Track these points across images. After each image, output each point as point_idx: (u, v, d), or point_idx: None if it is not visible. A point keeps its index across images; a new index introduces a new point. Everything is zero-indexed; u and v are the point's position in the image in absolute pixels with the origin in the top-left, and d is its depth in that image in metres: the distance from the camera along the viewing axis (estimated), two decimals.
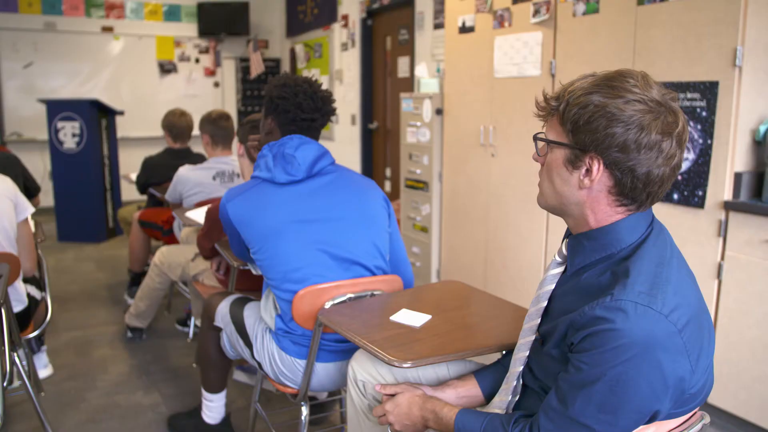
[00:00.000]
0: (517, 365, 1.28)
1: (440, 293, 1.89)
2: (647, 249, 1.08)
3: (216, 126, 3.47)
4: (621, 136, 1.03)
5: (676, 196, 2.55)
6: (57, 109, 5.59)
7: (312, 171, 1.94)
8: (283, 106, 1.96)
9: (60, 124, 5.59)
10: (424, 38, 5.02)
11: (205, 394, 2.41)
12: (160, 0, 7.60)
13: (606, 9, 2.77)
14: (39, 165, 6.79)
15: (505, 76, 3.35)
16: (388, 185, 6.08)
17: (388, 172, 6.06)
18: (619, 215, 1.11)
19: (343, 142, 6.79)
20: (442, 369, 1.60)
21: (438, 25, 4.75)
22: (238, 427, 2.55)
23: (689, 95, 2.46)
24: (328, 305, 1.82)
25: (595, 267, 1.12)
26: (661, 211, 2.61)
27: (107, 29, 7.38)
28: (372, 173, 6.47)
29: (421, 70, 4.27)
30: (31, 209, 2.45)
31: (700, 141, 2.44)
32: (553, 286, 1.20)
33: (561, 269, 1.19)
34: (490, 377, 1.46)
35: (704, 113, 2.41)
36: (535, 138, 1.16)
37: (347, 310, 1.71)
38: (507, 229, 3.51)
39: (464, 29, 3.67)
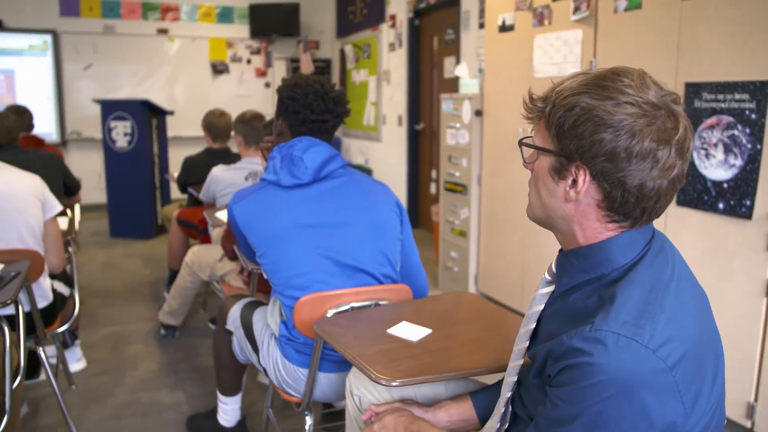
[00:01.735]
0: (506, 391, 1.17)
1: (448, 305, 1.79)
2: (640, 272, 0.95)
3: (249, 126, 3.46)
4: (609, 143, 0.91)
5: (721, 206, 2.36)
6: (110, 109, 5.76)
7: (320, 174, 1.87)
8: (293, 107, 1.91)
9: (113, 124, 5.75)
10: (470, 38, 4.90)
11: (219, 396, 2.39)
12: (214, 2, 7.75)
13: (649, 4, 2.60)
14: (96, 163, 7.01)
15: (545, 76, 3.20)
16: (433, 187, 5.98)
17: (434, 174, 5.96)
18: (611, 232, 0.98)
19: (390, 143, 6.73)
20: (439, 387, 1.50)
21: (483, 25, 4.62)
22: (253, 431, 2.52)
23: (737, 96, 2.27)
24: (330, 314, 1.76)
25: (583, 288, 1.00)
26: (704, 221, 2.43)
27: (162, 31, 7.58)
28: (418, 175, 6.38)
29: (461, 70, 4.16)
30: (59, 207, 2.48)
31: (749, 146, 2.24)
32: (542, 307, 1.08)
33: (550, 288, 1.08)
34: (486, 399, 1.36)
35: (753, 116, 2.22)
36: (521, 143, 1.05)
37: (345, 321, 1.64)
38: (546, 236, 3.35)
39: (504, 28, 3.54)
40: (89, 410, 2.72)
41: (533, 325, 1.10)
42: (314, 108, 1.89)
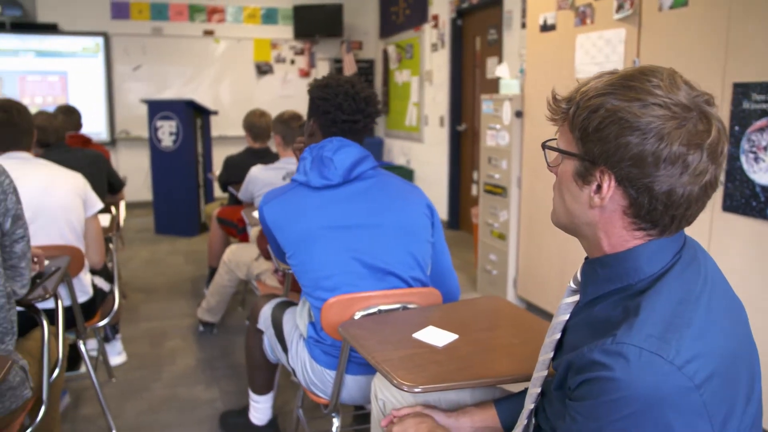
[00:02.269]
0: (529, 402, 1.14)
1: (477, 310, 1.76)
2: (668, 283, 0.90)
3: (287, 127, 3.48)
4: (635, 147, 0.86)
5: None
6: (156, 108, 5.90)
7: (350, 175, 1.86)
8: (323, 108, 1.90)
9: (159, 123, 5.88)
10: (512, 38, 4.83)
11: (251, 395, 2.41)
12: (259, 4, 7.85)
13: (696, 2, 2.51)
14: (144, 161, 7.19)
15: (587, 76, 3.12)
16: (475, 189, 5.92)
17: (475, 175, 5.90)
18: (638, 240, 0.93)
19: (432, 143, 6.70)
20: (464, 393, 1.47)
21: (525, 24, 4.55)
22: (284, 431, 2.53)
23: None
24: (357, 316, 1.75)
25: (608, 299, 0.95)
26: (752, 228, 2.32)
27: (209, 33, 7.73)
28: (459, 176, 6.33)
29: (502, 71, 4.10)
30: (100, 205, 2.55)
31: None
32: (566, 317, 1.04)
33: (575, 298, 1.03)
34: (511, 408, 1.32)
35: None
36: (544, 146, 1.01)
37: (371, 324, 1.62)
38: None
39: (545, 27, 3.47)
40: (127, 403, 2.78)
41: (558, 336, 1.06)
42: (345, 108, 1.88)
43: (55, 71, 7.31)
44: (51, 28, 7.16)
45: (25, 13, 6.97)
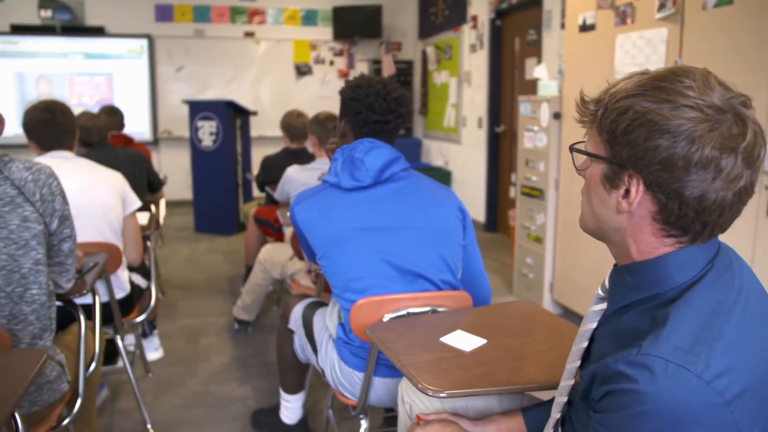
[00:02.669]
0: (555, 411, 1.11)
1: (507, 315, 1.73)
2: (699, 292, 0.86)
3: (323, 127, 3.50)
4: (665, 151, 0.82)
5: None
6: (197, 109, 6.00)
7: (381, 177, 1.86)
8: (355, 108, 1.90)
9: (199, 123, 5.99)
10: (551, 38, 4.75)
11: (282, 394, 2.43)
12: (299, 5, 7.92)
13: (742, 0, 2.42)
14: (185, 161, 7.33)
15: None
16: (513, 191, 5.85)
17: (513, 177, 5.83)
18: (668, 247, 0.89)
19: (470, 145, 6.65)
20: (492, 400, 1.45)
21: (565, 25, 4.48)
22: (314, 430, 2.54)
23: None
24: (386, 318, 1.74)
25: (636, 308, 0.92)
26: None
27: (249, 34, 7.83)
28: (497, 178, 6.27)
29: (540, 72, 4.04)
30: (138, 204, 2.60)
31: None
32: (594, 325, 1.01)
33: (603, 306, 1.00)
34: (539, 417, 1.30)
35: None
36: (571, 148, 0.98)
37: (399, 326, 1.61)
38: None
39: (585, 27, 3.40)
40: (162, 398, 2.84)
41: (585, 344, 1.03)
42: (376, 108, 1.88)
43: (101, 72, 7.52)
44: (98, 31, 7.37)
45: (74, 16, 7.19)
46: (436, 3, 7.33)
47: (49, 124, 2.36)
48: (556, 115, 3.72)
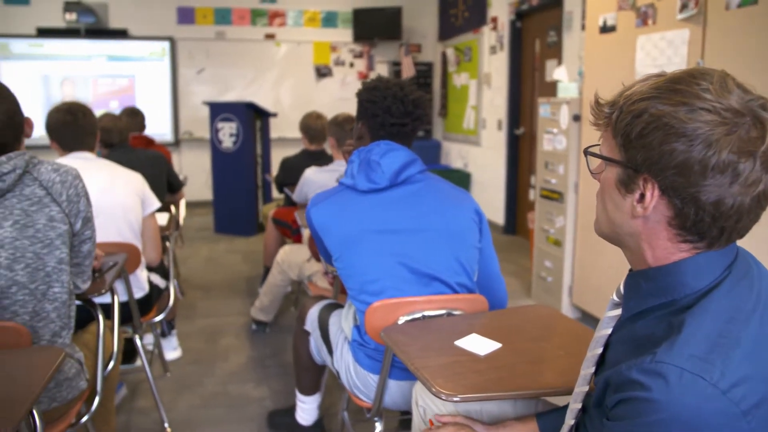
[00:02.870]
0: (569, 418, 1.10)
1: (523, 319, 1.71)
2: (716, 299, 0.84)
3: (342, 129, 3.50)
4: (681, 155, 0.81)
5: None
6: (217, 110, 6.05)
7: (397, 179, 1.85)
8: (372, 110, 1.90)
9: (220, 125, 6.04)
10: (572, 40, 4.71)
11: (298, 395, 2.44)
12: (319, 7, 7.96)
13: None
14: (206, 162, 7.39)
15: None
16: (532, 194, 5.81)
17: (533, 180, 5.79)
18: (684, 253, 0.88)
19: (490, 147, 6.62)
20: (507, 405, 1.44)
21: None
22: (330, 431, 2.54)
23: None
24: (401, 321, 1.74)
25: (651, 314, 0.90)
26: None
27: (270, 36, 7.88)
28: (517, 180, 6.23)
29: (560, 73, 4.01)
30: (157, 204, 2.63)
31: None
32: (609, 331, 1.00)
33: (618, 312, 0.99)
34: (554, 423, 1.28)
35: None
36: (586, 152, 0.97)
37: (413, 329, 1.61)
38: None
39: (605, 29, 3.37)
40: (180, 397, 2.86)
41: (600, 350, 1.02)
42: (393, 111, 1.88)
43: (124, 74, 7.62)
44: (121, 34, 7.47)
45: (98, 19, 7.30)
46: (456, 4, 7.31)
47: (71, 125, 2.39)
48: (576, 118, 3.69)
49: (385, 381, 1.76)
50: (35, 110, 7.13)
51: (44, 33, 7.29)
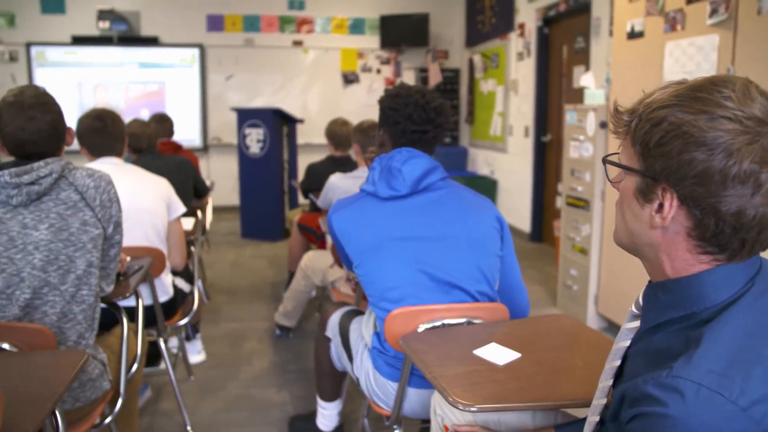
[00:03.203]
0: (588, 430, 1.08)
1: (544, 328, 1.69)
2: (737, 313, 0.82)
3: (366, 135, 3.51)
4: (700, 164, 0.79)
5: None
6: (245, 116, 6.12)
7: (418, 186, 1.85)
8: (393, 118, 1.90)
9: (247, 131, 6.10)
10: (600, 46, 4.66)
11: (319, 401, 2.44)
12: (346, 14, 8.01)
13: None
14: (233, 167, 7.48)
15: None
16: (559, 201, 5.75)
17: (560, 187, 5.73)
18: (704, 265, 0.86)
19: (516, 154, 6.57)
20: (525, 416, 1.42)
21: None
22: None
23: None
24: (421, 329, 1.73)
25: (670, 327, 0.88)
26: None
27: (298, 43, 7.96)
28: (544, 188, 6.17)
29: (587, 80, 3.96)
30: (182, 209, 2.66)
31: None
32: (627, 343, 0.98)
33: (636, 324, 0.97)
34: None
35: None
36: (605, 160, 0.96)
37: (432, 338, 1.60)
38: None
39: (633, 35, 3.32)
40: (203, 400, 2.89)
41: (618, 362, 1.00)
42: (415, 118, 1.87)
43: (154, 81, 7.76)
44: (152, 41, 7.62)
45: (130, 27, 7.45)
46: (483, 11, 7.29)
47: (100, 132, 2.44)
48: (603, 125, 3.64)
49: (404, 389, 1.76)
50: (69, 116, 7.23)
51: (79, 41, 7.47)
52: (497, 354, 1.48)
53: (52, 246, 1.64)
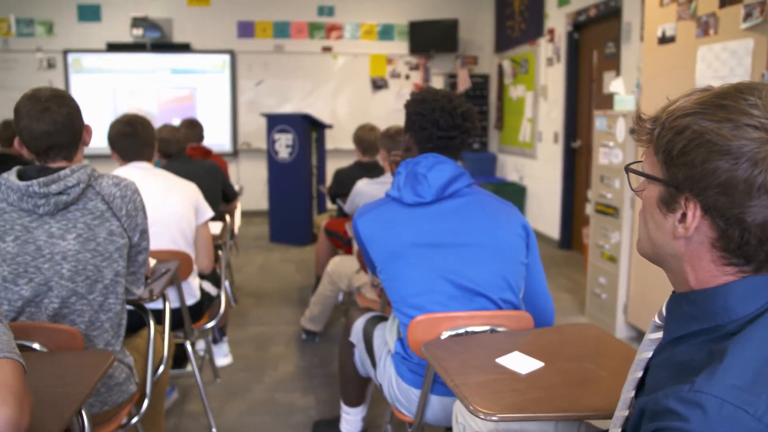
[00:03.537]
0: None
1: (568, 338, 1.67)
2: (763, 326, 0.79)
3: (393, 141, 3.51)
4: (725, 174, 0.77)
5: None
6: (274, 122, 6.18)
7: (444, 193, 1.84)
8: (420, 123, 1.89)
9: (276, 136, 6.16)
10: (631, 51, 4.60)
11: (343, 406, 2.44)
12: (375, 20, 8.04)
13: None
14: (262, 172, 7.55)
15: None
16: (588, 208, 5.67)
17: (589, 194, 5.65)
18: (729, 276, 0.83)
19: (546, 160, 6.51)
20: (548, 426, 1.40)
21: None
22: None
23: None
24: (444, 336, 1.72)
25: (693, 340, 0.86)
26: None
27: (327, 49, 8.01)
28: (573, 195, 6.10)
29: (617, 86, 3.91)
30: (210, 214, 2.70)
31: None
32: (649, 354, 0.96)
33: (659, 334, 0.95)
34: None
35: None
36: (627, 169, 0.94)
37: (455, 345, 1.59)
38: None
39: (664, 39, 3.27)
40: (229, 403, 2.91)
41: (640, 374, 0.98)
42: (441, 124, 1.87)
43: (186, 87, 7.89)
44: (184, 48, 7.75)
45: (163, 34, 7.59)
46: (512, 16, 7.25)
47: (130, 137, 2.49)
48: (633, 131, 3.58)
49: (426, 396, 1.75)
50: (103, 121, 7.43)
51: (113, 48, 7.64)
52: (520, 363, 1.46)
53: (80, 256, 1.66)
